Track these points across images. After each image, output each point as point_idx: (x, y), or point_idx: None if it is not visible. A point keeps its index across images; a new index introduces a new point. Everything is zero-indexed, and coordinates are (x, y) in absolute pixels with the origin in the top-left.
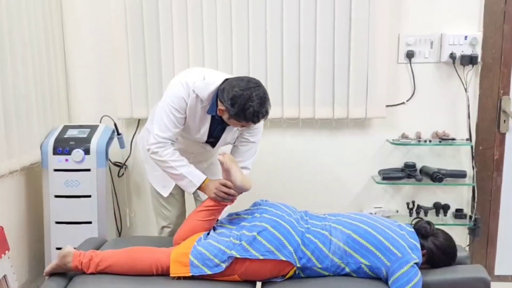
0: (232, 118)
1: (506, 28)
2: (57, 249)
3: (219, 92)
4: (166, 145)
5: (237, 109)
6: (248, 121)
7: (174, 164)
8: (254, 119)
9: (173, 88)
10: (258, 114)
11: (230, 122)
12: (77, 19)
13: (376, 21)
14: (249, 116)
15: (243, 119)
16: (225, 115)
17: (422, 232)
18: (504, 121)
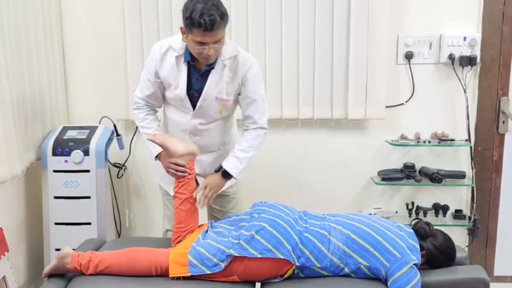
0: (188, 33)
1: (505, 29)
2: (57, 250)
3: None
4: (141, 107)
5: (187, 15)
6: (199, 26)
7: (143, 130)
8: (203, 18)
9: (150, 54)
10: (204, 13)
11: (189, 44)
12: (76, 20)
13: (375, 22)
14: (196, 16)
15: (192, 24)
16: (185, 35)
17: (421, 233)
18: (503, 122)
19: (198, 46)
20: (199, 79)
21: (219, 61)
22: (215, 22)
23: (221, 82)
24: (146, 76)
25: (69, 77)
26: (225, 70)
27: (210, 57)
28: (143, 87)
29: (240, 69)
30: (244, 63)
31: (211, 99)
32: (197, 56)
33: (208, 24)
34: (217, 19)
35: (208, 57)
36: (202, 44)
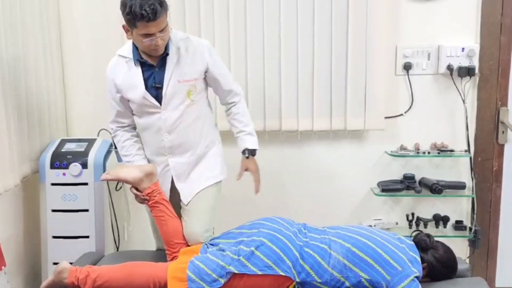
0: (132, 28)
1: (503, 39)
2: (54, 264)
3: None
4: (117, 132)
5: (127, 11)
6: (142, 17)
7: (124, 159)
8: (144, 10)
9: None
10: (143, 4)
11: (136, 40)
12: (75, 32)
13: (374, 33)
14: (137, 9)
15: (134, 18)
16: (129, 33)
17: (422, 245)
18: (503, 132)
19: (145, 38)
20: (158, 71)
21: (171, 46)
22: (156, 10)
23: (180, 65)
24: (109, 96)
25: (68, 90)
26: (181, 52)
27: (158, 46)
28: (110, 109)
29: (199, 47)
30: (200, 42)
31: (174, 84)
32: (146, 49)
33: (151, 14)
34: (157, 7)
35: (157, 47)
36: (149, 35)
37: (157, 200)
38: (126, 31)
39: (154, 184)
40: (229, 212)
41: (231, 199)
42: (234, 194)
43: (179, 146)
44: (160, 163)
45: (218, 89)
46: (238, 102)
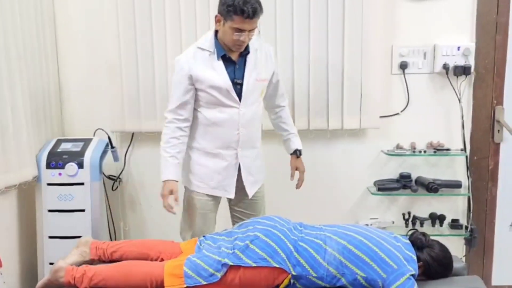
0: (227, 20)
1: (498, 38)
2: (51, 264)
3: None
4: (169, 124)
5: (229, 3)
6: (242, 13)
7: (162, 153)
8: (246, 6)
9: (176, 61)
10: (247, 1)
11: (225, 31)
12: (70, 33)
13: (369, 33)
14: (239, 4)
15: (234, 11)
16: (220, 23)
17: (418, 243)
18: (498, 131)
19: (235, 32)
20: (238, 68)
21: (250, 47)
22: (256, 10)
23: (257, 65)
24: (176, 87)
25: (63, 90)
26: (257, 53)
27: (244, 43)
28: (173, 100)
29: (268, 50)
30: (268, 46)
31: (253, 82)
32: (231, 43)
33: (250, 12)
34: (257, 7)
35: (242, 44)
36: (240, 31)
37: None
38: (218, 21)
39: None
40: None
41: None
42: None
43: (248, 140)
44: (227, 156)
45: (275, 92)
46: (286, 106)
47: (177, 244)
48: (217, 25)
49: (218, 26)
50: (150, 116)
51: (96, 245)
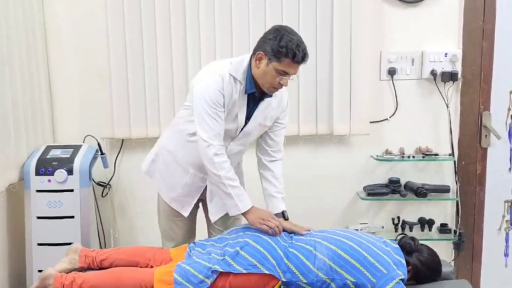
0: (273, 60)
1: (485, 45)
2: (39, 271)
3: (254, 49)
4: (221, 151)
5: (282, 44)
6: (294, 57)
7: (227, 182)
8: (299, 50)
9: (205, 84)
10: (299, 45)
11: (268, 72)
12: (60, 39)
13: (358, 39)
14: (293, 47)
15: (286, 54)
16: (262, 62)
17: (407, 248)
18: (486, 136)
19: (279, 75)
20: (253, 109)
21: None
22: (306, 56)
23: (268, 109)
24: (212, 111)
25: (53, 96)
26: (273, 97)
27: (281, 87)
28: (215, 122)
29: (284, 94)
30: (285, 92)
31: (255, 125)
32: (268, 85)
33: (301, 57)
34: (307, 53)
35: (279, 88)
36: (285, 74)
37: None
38: (259, 58)
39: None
40: None
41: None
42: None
43: None
44: (194, 176)
45: (275, 139)
46: (280, 160)
47: (167, 250)
48: (257, 62)
49: (258, 64)
50: (140, 123)
51: (86, 253)
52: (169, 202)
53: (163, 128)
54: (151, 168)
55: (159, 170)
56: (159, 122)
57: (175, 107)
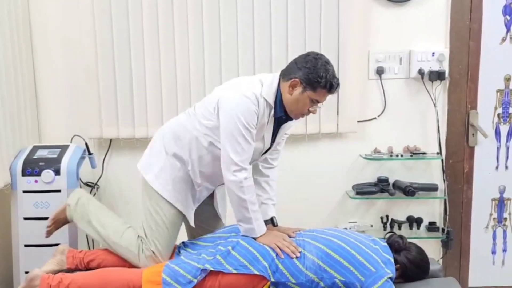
0: (308, 89)
1: (471, 44)
2: (26, 272)
3: (285, 73)
4: (250, 173)
5: (320, 75)
6: (330, 88)
7: (250, 207)
8: (335, 82)
9: (240, 103)
10: (335, 76)
11: (302, 100)
12: (46, 37)
13: (346, 38)
14: (330, 78)
15: (324, 84)
16: (297, 90)
17: (395, 246)
18: (473, 134)
19: (311, 103)
20: (274, 128)
21: None
22: (339, 86)
23: (285, 128)
24: (248, 130)
25: (39, 96)
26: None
27: (309, 114)
28: (248, 145)
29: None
30: None
31: (275, 145)
32: (297, 112)
33: (335, 88)
34: (339, 84)
35: (307, 114)
36: (316, 102)
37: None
38: (293, 86)
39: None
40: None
41: None
42: None
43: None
44: (203, 187)
45: (278, 148)
46: (277, 166)
47: None
48: (290, 89)
49: (291, 90)
50: (128, 123)
51: (73, 254)
52: (179, 205)
53: (151, 129)
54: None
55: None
56: (147, 122)
57: (163, 107)
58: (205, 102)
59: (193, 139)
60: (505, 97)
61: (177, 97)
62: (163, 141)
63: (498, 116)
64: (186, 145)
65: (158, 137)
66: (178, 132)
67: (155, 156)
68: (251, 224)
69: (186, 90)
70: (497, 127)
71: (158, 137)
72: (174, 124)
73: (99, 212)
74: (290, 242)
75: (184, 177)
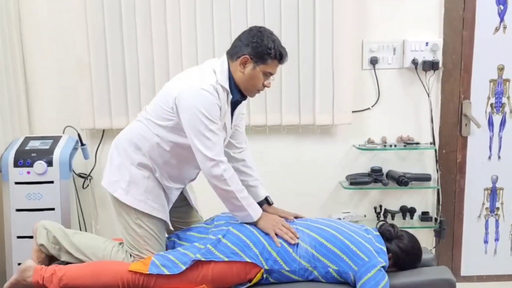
0: (259, 63)
1: (465, 34)
2: (19, 264)
3: (231, 53)
4: (228, 164)
5: (269, 46)
6: (280, 58)
7: (239, 195)
8: (284, 51)
9: (200, 98)
10: (282, 46)
11: (255, 75)
12: (37, 27)
13: (340, 29)
14: (278, 48)
15: (274, 55)
16: (248, 66)
17: (387, 235)
18: (466, 124)
19: (265, 77)
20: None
21: None
22: (287, 55)
23: (239, 108)
24: (214, 123)
25: (30, 86)
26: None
27: (264, 89)
28: (217, 137)
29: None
30: None
31: (233, 129)
32: (255, 88)
33: (285, 56)
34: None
35: (262, 89)
36: (269, 75)
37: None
38: (243, 63)
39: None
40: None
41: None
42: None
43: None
44: (174, 189)
45: (239, 130)
46: (247, 148)
47: None
48: (241, 67)
49: (242, 68)
50: (121, 113)
51: None
52: (156, 213)
53: None
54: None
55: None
56: (140, 112)
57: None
58: (157, 102)
59: (153, 146)
60: (498, 87)
61: None
62: (124, 153)
63: (491, 106)
64: (147, 153)
65: (115, 150)
66: (136, 141)
67: (118, 171)
68: (245, 211)
69: None
70: (490, 117)
71: (116, 151)
72: (129, 134)
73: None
74: (288, 228)
75: (155, 184)
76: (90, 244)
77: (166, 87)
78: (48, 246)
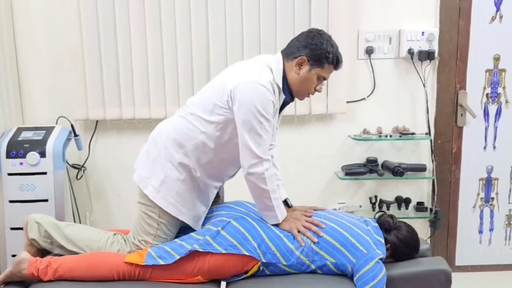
0: (315, 66)
1: (461, 23)
2: (13, 256)
3: (288, 52)
4: (268, 163)
5: (328, 50)
6: (337, 63)
7: (272, 196)
8: (339, 57)
9: (258, 93)
10: (340, 53)
11: (309, 78)
12: (28, 17)
13: (335, 18)
14: (337, 54)
15: (332, 60)
16: (304, 68)
17: (385, 226)
18: (461, 114)
19: (319, 81)
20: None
21: None
22: (342, 62)
23: (281, 114)
24: (267, 121)
25: (23, 76)
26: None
27: (314, 93)
28: (268, 135)
29: None
30: None
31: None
32: (305, 91)
33: (341, 63)
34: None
35: (313, 94)
36: (324, 79)
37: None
38: (300, 64)
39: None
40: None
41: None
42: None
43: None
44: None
45: (276, 126)
46: (276, 145)
47: None
48: (296, 67)
49: (297, 69)
50: (115, 104)
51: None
52: (185, 219)
53: (138, 110)
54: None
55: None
56: (134, 103)
57: (150, 87)
58: (209, 96)
59: (198, 145)
60: (493, 77)
61: (164, 77)
62: (164, 150)
63: (486, 96)
64: (190, 152)
65: (154, 145)
66: (180, 139)
67: (152, 166)
68: (273, 212)
69: (173, 70)
70: (485, 107)
71: (155, 145)
72: (170, 131)
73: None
74: (309, 225)
75: (187, 188)
76: (84, 236)
77: (217, 81)
78: (40, 240)
